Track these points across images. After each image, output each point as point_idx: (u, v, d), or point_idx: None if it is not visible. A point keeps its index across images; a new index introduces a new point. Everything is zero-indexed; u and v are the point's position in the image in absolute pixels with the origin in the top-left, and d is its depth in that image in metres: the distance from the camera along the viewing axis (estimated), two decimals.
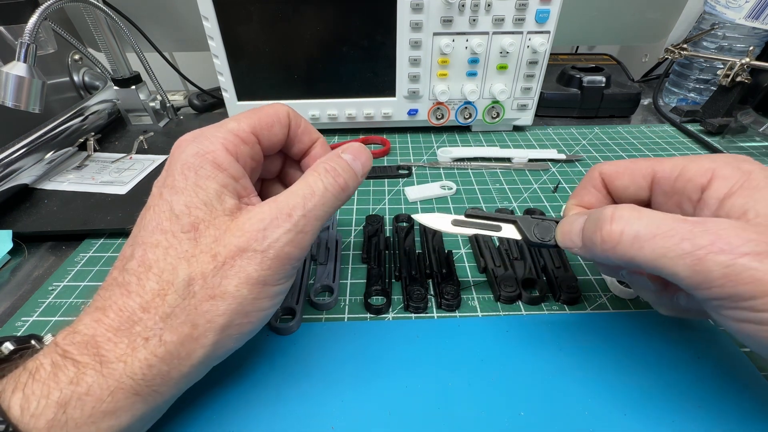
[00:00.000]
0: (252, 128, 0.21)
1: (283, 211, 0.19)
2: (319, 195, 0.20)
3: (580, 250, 0.21)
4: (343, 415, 0.22)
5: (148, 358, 0.17)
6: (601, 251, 0.19)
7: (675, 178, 0.21)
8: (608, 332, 0.26)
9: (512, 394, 0.23)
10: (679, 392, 0.23)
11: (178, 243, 0.18)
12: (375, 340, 0.26)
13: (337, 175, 0.21)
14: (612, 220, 0.18)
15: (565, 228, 0.22)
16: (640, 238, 0.17)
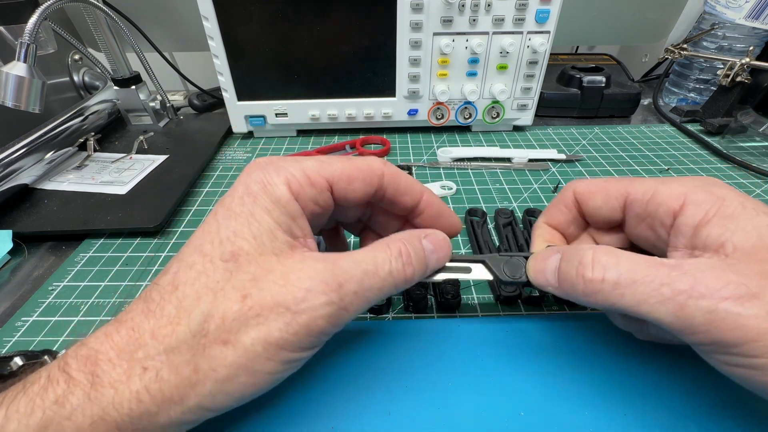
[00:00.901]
0: (329, 175, 0.19)
1: (336, 279, 0.17)
2: (380, 277, 0.18)
3: (555, 290, 0.20)
4: (343, 415, 0.22)
5: (140, 392, 0.15)
6: (582, 296, 0.18)
7: (647, 201, 0.20)
8: (608, 332, 0.26)
9: (512, 394, 0.23)
10: (679, 392, 0.23)
11: (213, 270, 0.16)
12: (375, 340, 0.26)
13: (408, 263, 0.19)
14: (593, 266, 0.18)
15: (538, 266, 0.21)
16: (620, 284, 0.17)
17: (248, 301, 0.16)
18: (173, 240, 0.35)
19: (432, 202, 0.22)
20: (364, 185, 0.20)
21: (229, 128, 0.52)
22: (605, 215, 0.22)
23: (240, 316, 0.16)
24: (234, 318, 0.16)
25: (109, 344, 0.16)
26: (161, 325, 0.16)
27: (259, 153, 0.49)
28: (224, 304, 0.16)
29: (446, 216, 0.23)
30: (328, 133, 0.53)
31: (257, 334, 0.16)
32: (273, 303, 0.16)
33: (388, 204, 0.22)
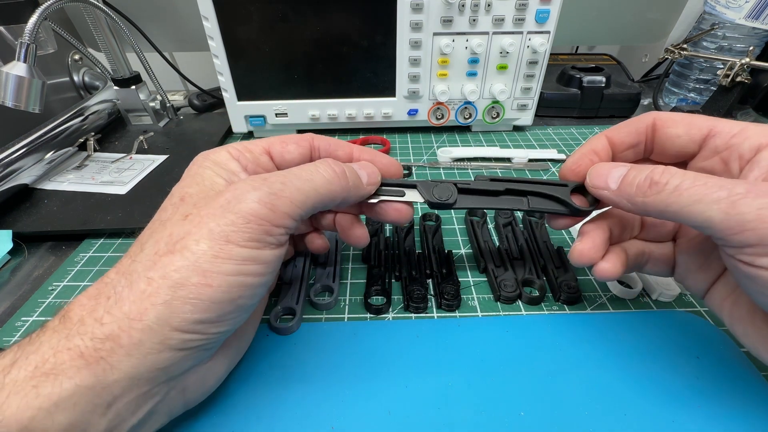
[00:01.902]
0: (264, 143, 0.23)
1: (261, 177, 0.19)
2: (307, 170, 0.20)
3: (609, 193, 0.21)
4: (343, 415, 0.22)
5: (102, 316, 0.16)
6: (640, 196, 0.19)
7: (733, 134, 0.20)
8: (608, 332, 0.26)
9: (512, 394, 0.23)
10: (679, 392, 0.23)
11: (164, 212, 0.19)
12: (375, 340, 0.26)
13: (335, 164, 0.21)
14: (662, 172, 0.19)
15: (602, 170, 0.22)
16: (680, 187, 0.18)
17: (190, 217, 0.18)
18: None
19: (364, 149, 0.25)
20: (298, 147, 0.23)
21: (229, 128, 0.52)
22: (680, 145, 0.22)
23: (183, 228, 0.17)
24: (179, 232, 0.17)
25: (83, 294, 0.17)
26: (123, 262, 0.18)
27: None
28: (171, 227, 0.18)
29: (380, 157, 0.25)
30: (328, 133, 0.53)
31: (200, 235, 0.17)
32: (210, 210, 0.18)
33: None
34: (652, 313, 0.27)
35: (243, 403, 0.22)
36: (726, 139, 0.20)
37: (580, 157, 0.24)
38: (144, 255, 0.17)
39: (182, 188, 0.20)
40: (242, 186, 0.18)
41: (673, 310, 0.28)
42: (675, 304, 0.28)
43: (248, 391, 0.23)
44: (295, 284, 0.29)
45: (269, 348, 0.25)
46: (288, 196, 0.19)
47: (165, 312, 0.16)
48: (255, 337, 0.26)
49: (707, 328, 0.26)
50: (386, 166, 0.25)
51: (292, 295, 0.28)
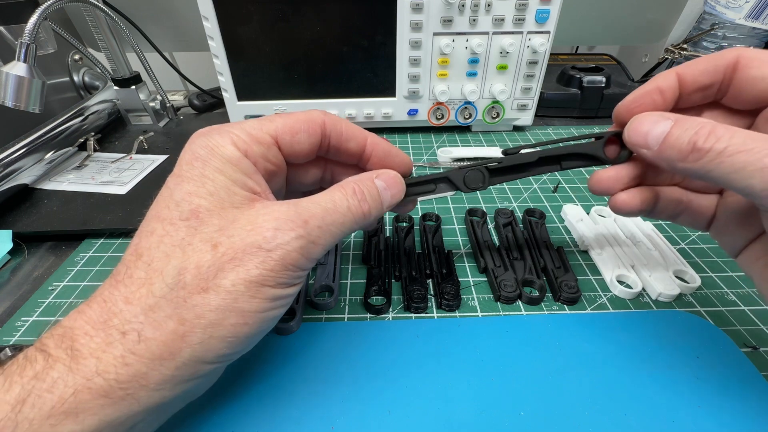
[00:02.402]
0: (272, 131, 0.20)
1: (301, 217, 0.18)
2: (340, 213, 0.19)
3: (649, 152, 0.19)
4: (343, 415, 0.22)
5: (125, 355, 0.15)
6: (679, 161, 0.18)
7: None
8: (608, 332, 0.26)
9: (512, 394, 0.23)
10: (679, 392, 0.23)
11: (175, 231, 0.17)
12: (375, 340, 0.26)
13: (363, 200, 0.20)
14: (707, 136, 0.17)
15: (643, 127, 0.20)
16: (724, 153, 0.16)
17: (220, 248, 0.16)
18: None
19: (378, 143, 0.23)
20: (308, 135, 0.21)
21: None
22: (761, 89, 0.20)
23: (215, 263, 0.16)
24: (209, 266, 0.16)
25: (83, 320, 0.16)
26: (133, 290, 0.16)
27: None
28: (196, 256, 0.16)
29: (395, 155, 0.24)
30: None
31: (236, 276, 0.16)
32: (245, 245, 0.16)
33: (336, 153, 0.23)
34: (652, 313, 0.27)
35: (243, 403, 0.22)
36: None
37: (642, 95, 0.21)
38: (166, 288, 0.16)
39: (191, 196, 0.17)
40: (283, 225, 0.17)
41: (673, 310, 0.28)
42: (675, 304, 0.28)
43: (248, 391, 0.23)
44: None
45: (269, 348, 0.25)
46: (322, 243, 0.18)
47: (199, 350, 0.16)
48: None
49: (707, 328, 0.26)
50: (403, 163, 0.24)
51: None
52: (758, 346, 0.25)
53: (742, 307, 0.28)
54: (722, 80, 0.20)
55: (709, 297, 0.29)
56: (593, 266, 0.32)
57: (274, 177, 0.21)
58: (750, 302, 0.28)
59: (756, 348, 0.25)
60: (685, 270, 0.30)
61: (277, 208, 0.18)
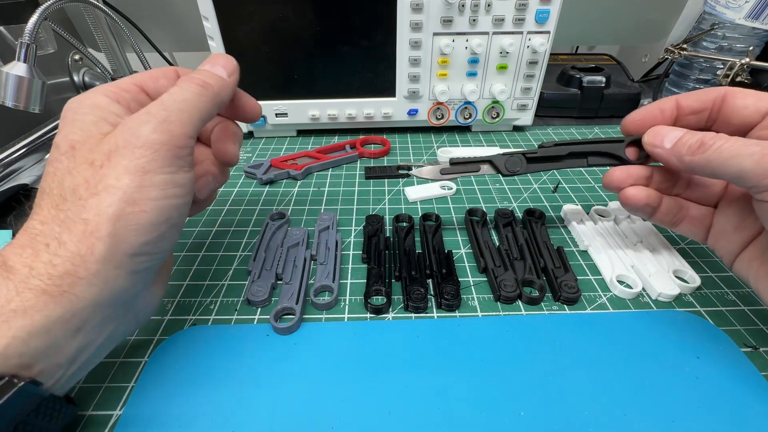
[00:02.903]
0: (137, 81, 0.23)
1: (142, 111, 0.20)
2: (175, 93, 0.21)
3: (662, 150, 0.24)
4: (343, 415, 0.22)
5: (52, 259, 0.17)
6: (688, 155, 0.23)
7: None
8: (608, 332, 0.26)
9: (512, 394, 0.23)
10: (679, 392, 0.23)
11: (60, 163, 0.19)
12: (375, 340, 0.26)
13: (191, 78, 0.22)
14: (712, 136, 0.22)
15: (662, 130, 0.25)
16: (723, 147, 0.21)
17: (96, 163, 0.19)
18: None
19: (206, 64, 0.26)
20: (167, 79, 0.24)
21: None
22: (746, 115, 0.24)
23: (95, 173, 0.19)
24: (92, 176, 0.19)
25: (11, 246, 0.18)
26: (44, 214, 0.19)
27: (260, 153, 0.49)
28: (81, 175, 0.19)
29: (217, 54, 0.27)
30: (328, 133, 0.53)
31: (117, 173, 0.18)
32: (112, 150, 0.19)
33: None
34: (652, 313, 0.27)
35: (243, 403, 0.22)
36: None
37: (647, 112, 0.27)
38: (68, 203, 0.18)
39: (66, 137, 0.20)
40: (132, 123, 0.19)
41: (673, 310, 0.28)
42: (675, 304, 0.28)
43: (248, 391, 0.23)
44: (295, 284, 0.29)
45: (269, 348, 0.25)
46: (176, 119, 0.20)
47: (112, 242, 0.18)
48: (255, 337, 0.26)
49: (707, 328, 0.26)
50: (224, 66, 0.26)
51: (292, 295, 0.28)
52: (758, 346, 0.25)
53: (742, 307, 0.28)
54: (712, 107, 0.25)
55: (709, 297, 0.29)
56: (593, 266, 0.32)
57: None
58: (750, 302, 0.28)
59: (756, 348, 0.25)
60: (685, 270, 0.30)
61: (126, 118, 0.20)
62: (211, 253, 0.33)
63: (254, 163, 0.45)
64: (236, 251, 0.33)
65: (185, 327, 0.27)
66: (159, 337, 0.26)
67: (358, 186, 0.42)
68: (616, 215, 0.36)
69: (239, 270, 0.32)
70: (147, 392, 0.23)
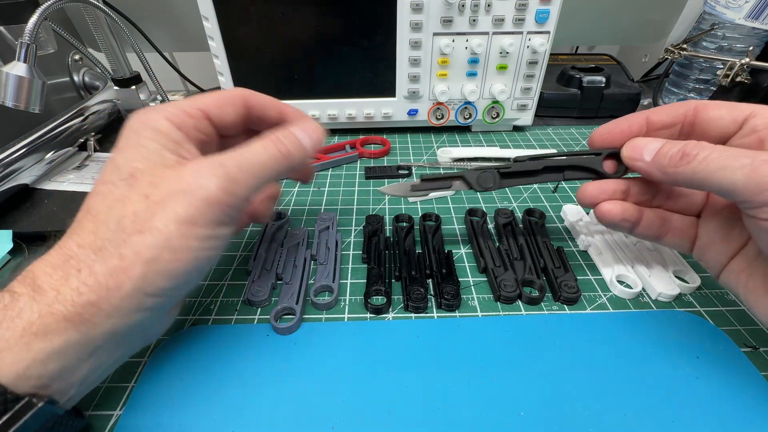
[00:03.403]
0: (201, 106, 0.23)
1: (219, 162, 0.20)
2: (255, 153, 0.21)
3: (644, 164, 0.23)
4: (343, 415, 0.22)
5: (79, 286, 0.18)
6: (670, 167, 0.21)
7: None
8: (608, 332, 0.26)
9: (512, 394, 0.23)
10: (679, 392, 0.23)
11: (116, 188, 0.19)
12: (375, 340, 0.26)
13: (278, 141, 0.22)
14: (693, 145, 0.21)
15: (639, 143, 0.24)
16: (707, 158, 0.20)
17: (151, 198, 0.19)
18: None
19: (291, 109, 0.27)
20: (234, 107, 0.24)
21: None
22: (722, 125, 0.23)
23: (148, 209, 0.19)
24: (143, 212, 0.19)
25: (43, 263, 0.19)
26: (83, 237, 0.19)
27: None
28: (132, 206, 0.19)
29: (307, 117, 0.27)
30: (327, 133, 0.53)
31: (167, 217, 0.18)
32: (171, 192, 0.19)
33: (259, 122, 0.26)
34: (652, 313, 0.27)
35: (243, 403, 0.22)
36: (766, 119, 0.21)
37: (613, 126, 0.26)
38: (110, 233, 0.18)
39: (128, 162, 0.20)
40: (203, 171, 0.20)
41: (673, 310, 0.28)
42: (675, 304, 0.28)
43: (248, 391, 0.23)
44: (295, 284, 0.29)
45: (269, 348, 0.25)
46: (244, 181, 0.20)
47: (141, 283, 0.18)
48: (255, 337, 0.26)
49: (707, 328, 0.26)
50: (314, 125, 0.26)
51: (292, 295, 0.28)
52: (758, 346, 0.25)
53: (742, 307, 0.28)
54: (684, 122, 0.24)
55: (709, 297, 0.29)
56: (593, 266, 0.32)
57: (206, 146, 0.23)
58: None
59: (756, 348, 0.25)
60: (685, 270, 0.30)
61: (198, 161, 0.20)
62: None
63: None
64: (236, 251, 0.33)
65: (185, 327, 0.27)
66: (159, 337, 0.26)
67: (358, 186, 0.42)
68: None
69: (239, 270, 0.32)
70: (147, 392, 0.23)
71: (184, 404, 0.22)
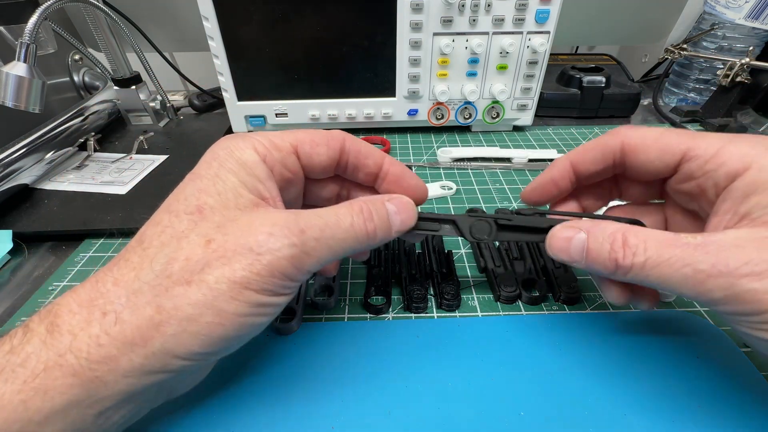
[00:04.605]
0: (293, 140, 0.21)
1: (298, 225, 0.17)
2: (342, 228, 0.19)
3: (581, 266, 0.20)
4: (343, 415, 0.22)
5: (99, 335, 0.15)
6: (610, 275, 0.19)
7: (708, 159, 0.19)
8: (608, 332, 0.26)
9: (512, 394, 0.23)
10: (679, 392, 0.23)
11: (178, 222, 0.17)
12: (375, 340, 0.26)
13: (369, 219, 0.19)
14: (624, 250, 0.18)
15: (560, 245, 0.20)
16: (647, 266, 0.17)
17: (212, 244, 0.16)
18: None
19: (393, 163, 0.23)
20: (328, 148, 0.21)
21: (229, 128, 0.52)
22: (654, 170, 0.21)
23: (204, 257, 0.16)
24: (198, 260, 0.16)
25: (72, 297, 0.16)
26: (123, 273, 0.16)
27: None
28: (189, 248, 0.16)
29: (409, 177, 0.23)
30: None
31: (221, 273, 0.16)
32: (236, 245, 0.16)
33: (353, 171, 0.23)
34: (652, 313, 0.27)
35: (242, 403, 0.22)
36: (701, 164, 0.19)
37: (537, 186, 0.24)
38: (152, 275, 0.16)
39: (200, 193, 0.18)
40: (277, 231, 0.17)
41: (673, 310, 0.28)
42: (675, 304, 0.28)
43: (248, 391, 0.23)
44: None
45: (269, 348, 0.25)
46: (317, 255, 0.18)
47: (171, 342, 0.16)
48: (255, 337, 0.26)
49: (707, 328, 0.26)
50: (415, 189, 0.23)
51: None
52: None
53: None
54: (613, 163, 0.22)
55: None
56: None
57: (289, 185, 0.21)
58: None
59: None
60: None
61: (277, 214, 0.18)
62: None
63: None
64: None
65: None
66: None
67: None
68: None
69: None
70: None
71: (183, 404, 0.22)
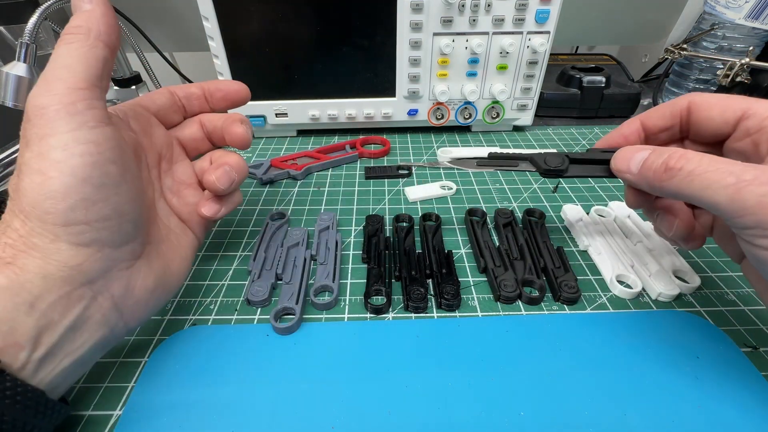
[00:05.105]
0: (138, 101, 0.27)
1: None
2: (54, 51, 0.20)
3: (632, 176, 0.22)
4: (343, 415, 0.22)
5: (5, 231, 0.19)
6: (656, 181, 0.20)
7: (765, 117, 0.21)
8: (608, 332, 0.26)
9: (512, 394, 0.23)
10: (679, 392, 0.23)
11: None
12: (375, 340, 0.26)
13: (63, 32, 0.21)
14: (678, 157, 0.20)
15: (626, 154, 0.23)
16: (693, 172, 0.19)
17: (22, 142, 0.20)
18: None
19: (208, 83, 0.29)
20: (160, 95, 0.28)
21: None
22: (715, 127, 0.23)
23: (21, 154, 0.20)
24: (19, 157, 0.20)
25: None
26: None
27: (260, 153, 0.49)
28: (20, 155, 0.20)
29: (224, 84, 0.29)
30: (328, 133, 0.53)
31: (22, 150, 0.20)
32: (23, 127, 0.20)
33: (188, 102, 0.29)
34: (652, 313, 0.27)
35: (242, 403, 0.22)
36: (758, 121, 0.21)
37: (610, 137, 0.26)
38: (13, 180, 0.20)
39: None
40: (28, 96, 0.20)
41: (673, 310, 0.28)
42: (675, 304, 0.28)
43: (248, 391, 0.23)
44: (294, 284, 0.29)
45: (269, 348, 0.25)
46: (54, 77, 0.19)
47: (37, 214, 0.18)
48: (255, 337, 0.26)
49: (707, 328, 0.26)
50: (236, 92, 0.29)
51: (292, 295, 0.28)
52: (758, 346, 0.25)
53: (742, 307, 0.28)
54: (680, 123, 0.24)
55: (709, 297, 0.29)
56: (593, 266, 0.32)
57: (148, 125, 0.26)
58: (750, 302, 0.28)
59: (756, 348, 0.25)
60: (685, 270, 0.30)
61: None
62: (211, 253, 0.33)
63: (254, 163, 0.45)
64: (236, 251, 0.33)
65: (185, 327, 0.27)
66: (159, 337, 0.26)
67: (358, 186, 0.42)
68: (616, 215, 0.36)
69: (239, 270, 0.32)
70: (147, 392, 0.23)
71: (184, 404, 0.22)
